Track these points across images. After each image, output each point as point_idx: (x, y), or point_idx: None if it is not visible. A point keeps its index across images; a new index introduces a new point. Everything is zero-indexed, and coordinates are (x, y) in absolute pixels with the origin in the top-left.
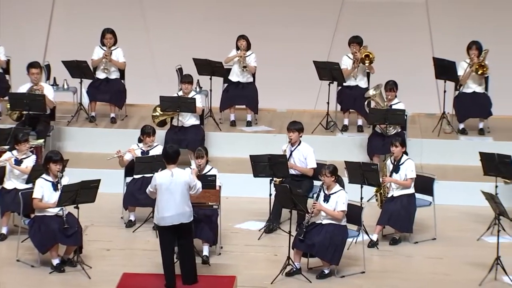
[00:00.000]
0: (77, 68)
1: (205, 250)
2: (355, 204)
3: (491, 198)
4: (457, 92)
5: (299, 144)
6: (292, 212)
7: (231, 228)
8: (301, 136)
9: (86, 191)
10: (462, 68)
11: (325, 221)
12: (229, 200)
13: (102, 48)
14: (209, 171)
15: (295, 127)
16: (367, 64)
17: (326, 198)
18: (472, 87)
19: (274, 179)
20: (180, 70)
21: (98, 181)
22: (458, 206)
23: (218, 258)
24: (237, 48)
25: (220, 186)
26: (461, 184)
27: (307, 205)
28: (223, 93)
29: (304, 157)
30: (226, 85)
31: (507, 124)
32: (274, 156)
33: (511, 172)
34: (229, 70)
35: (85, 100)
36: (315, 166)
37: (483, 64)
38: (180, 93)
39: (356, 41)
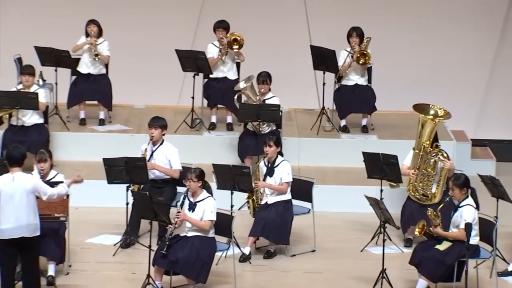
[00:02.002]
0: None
1: (51, 270)
2: (225, 213)
3: (376, 204)
4: (337, 85)
5: (161, 144)
6: (153, 224)
7: (82, 243)
8: (164, 134)
9: None
10: (342, 58)
11: (190, 233)
12: (79, 210)
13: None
14: (54, 177)
15: (158, 124)
16: (235, 50)
17: (192, 207)
18: (354, 79)
19: (132, 185)
20: (19, 60)
21: None
22: (340, 214)
23: (66, 279)
24: (87, 35)
25: (68, 195)
26: (343, 188)
27: (170, 215)
28: (71, 86)
29: (168, 158)
30: (74, 77)
31: (393, 120)
32: (132, 159)
33: (398, 175)
34: (77, 60)
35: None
36: (180, 168)
37: (365, 52)
38: (20, 87)
39: (222, 26)
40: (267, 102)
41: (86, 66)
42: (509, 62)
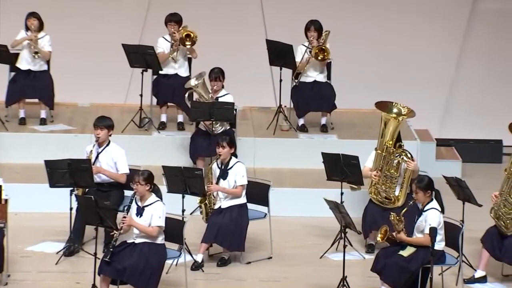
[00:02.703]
0: None
1: None
2: (176, 218)
3: (336, 208)
4: (295, 82)
5: (107, 145)
6: (99, 230)
7: (22, 251)
8: (110, 135)
9: None
10: (300, 53)
11: (138, 240)
12: (19, 216)
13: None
14: None
15: (104, 124)
16: (188, 46)
17: (139, 211)
18: (312, 75)
19: (76, 189)
20: None
21: None
22: (298, 218)
23: None
24: (27, 29)
25: (6, 200)
26: (301, 191)
27: (117, 220)
28: (9, 83)
29: (114, 160)
30: (13, 74)
31: (354, 118)
32: (76, 161)
33: (359, 176)
34: (17, 55)
35: None
36: (127, 171)
37: (323, 47)
38: None
39: (174, 19)
40: (220, 100)
41: (26, 62)
42: (475, 57)
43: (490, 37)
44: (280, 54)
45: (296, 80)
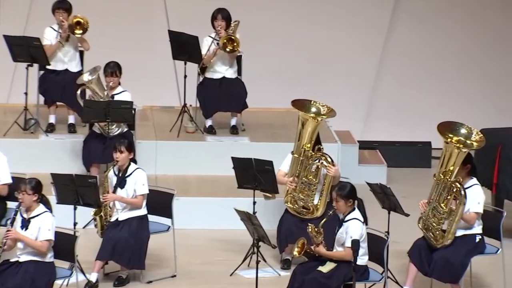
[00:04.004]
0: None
1: None
2: (67, 233)
3: (248, 219)
4: (201, 78)
5: None
6: None
7: None
8: None
9: None
10: (206, 45)
11: (23, 258)
12: None
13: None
14: None
15: None
16: (78, 35)
17: (25, 224)
18: (221, 70)
19: None
20: None
21: None
22: (206, 231)
23: None
24: None
25: None
26: (208, 201)
27: (0, 236)
28: None
29: None
30: None
31: (267, 119)
32: None
33: (273, 184)
34: None
35: None
36: (9, 181)
37: (232, 37)
38: None
39: (62, 7)
40: (116, 98)
41: None
42: (402, 49)
43: (417, 28)
44: (184, 46)
45: (202, 76)
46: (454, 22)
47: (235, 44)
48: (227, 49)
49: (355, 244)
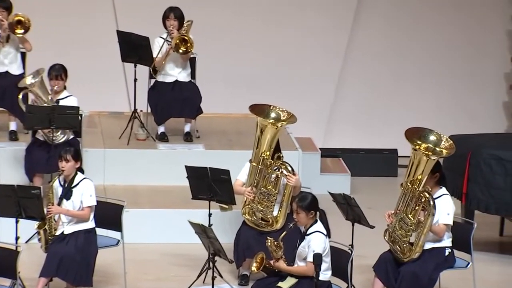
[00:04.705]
0: None
1: None
2: (8, 248)
3: (203, 232)
4: (152, 81)
5: None
6: None
7: None
8: None
9: None
10: (157, 46)
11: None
12: None
13: None
14: None
15: None
16: (20, 34)
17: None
18: (173, 73)
19: None
20: None
21: None
22: (158, 245)
23: None
24: None
25: None
26: (161, 213)
27: None
28: None
29: None
30: None
31: (224, 125)
32: None
33: (230, 194)
34: None
35: None
36: None
37: (186, 37)
38: None
39: (2, 5)
40: (61, 103)
41: None
42: (366, 51)
43: (382, 28)
44: (134, 48)
45: (154, 79)
46: (422, 21)
47: (188, 45)
48: (180, 50)
49: (317, 258)
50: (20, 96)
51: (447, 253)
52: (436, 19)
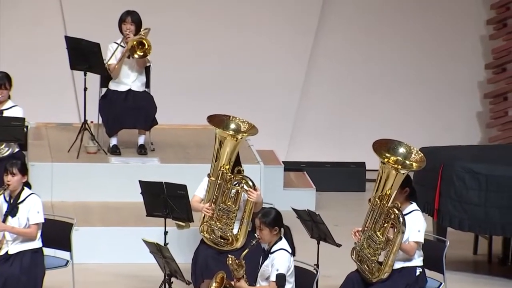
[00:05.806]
0: None
1: None
2: None
3: (158, 251)
4: (104, 90)
5: None
6: None
7: None
8: None
9: None
10: (110, 53)
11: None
12: None
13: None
14: None
15: None
16: None
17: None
18: (127, 82)
19: None
20: None
21: None
22: (110, 265)
23: None
24: None
25: None
26: (113, 231)
27: None
28: None
29: None
30: None
31: (180, 137)
32: None
33: (187, 211)
34: None
35: None
36: None
37: (143, 41)
38: None
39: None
40: (5, 113)
41: None
42: (331, 58)
43: (349, 34)
44: (84, 54)
45: (105, 88)
46: (391, 26)
47: (146, 48)
48: (136, 55)
49: (281, 279)
50: None
51: (418, 273)
52: (406, 24)
